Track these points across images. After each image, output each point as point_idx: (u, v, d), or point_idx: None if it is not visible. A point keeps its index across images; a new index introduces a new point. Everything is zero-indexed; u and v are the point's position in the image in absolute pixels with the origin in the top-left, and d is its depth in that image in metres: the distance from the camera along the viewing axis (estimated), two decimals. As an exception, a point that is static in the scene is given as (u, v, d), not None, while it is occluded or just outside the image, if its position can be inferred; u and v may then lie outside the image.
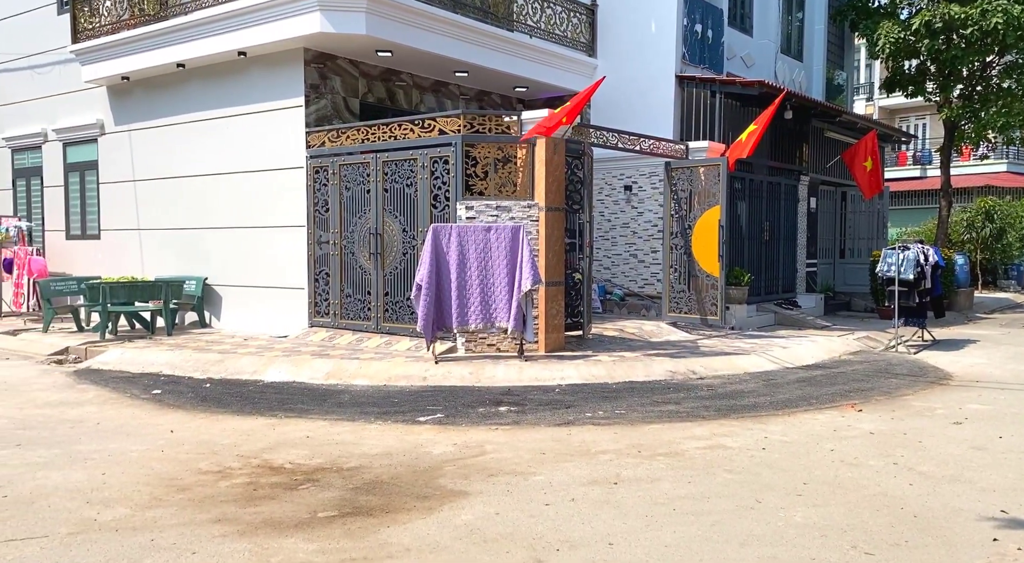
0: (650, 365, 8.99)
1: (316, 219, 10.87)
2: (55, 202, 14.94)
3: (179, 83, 12.42)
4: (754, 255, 14.33)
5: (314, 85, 10.96)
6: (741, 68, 15.57)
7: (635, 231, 13.59)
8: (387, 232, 10.11)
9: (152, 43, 12.09)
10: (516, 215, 9.38)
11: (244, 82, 11.57)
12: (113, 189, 13.72)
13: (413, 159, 9.76)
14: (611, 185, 13.80)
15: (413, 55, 11.31)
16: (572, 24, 13.39)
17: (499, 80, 12.87)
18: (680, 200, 11.83)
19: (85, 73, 13.34)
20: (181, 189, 12.57)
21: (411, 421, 6.64)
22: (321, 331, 10.74)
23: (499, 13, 12.06)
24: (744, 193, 13.87)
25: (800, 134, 16.13)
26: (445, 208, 9.54)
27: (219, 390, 8.08)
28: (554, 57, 13.04)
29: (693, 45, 13.63)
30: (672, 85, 13.21)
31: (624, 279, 13.74)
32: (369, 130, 10.23)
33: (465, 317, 8.89)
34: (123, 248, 13.59)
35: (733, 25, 15.43)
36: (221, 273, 12.13)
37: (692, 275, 11.76)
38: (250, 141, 11.58)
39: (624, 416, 6.82)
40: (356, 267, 10.47)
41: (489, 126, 9.44)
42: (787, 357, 10.02)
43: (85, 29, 13.18)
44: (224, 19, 11.05)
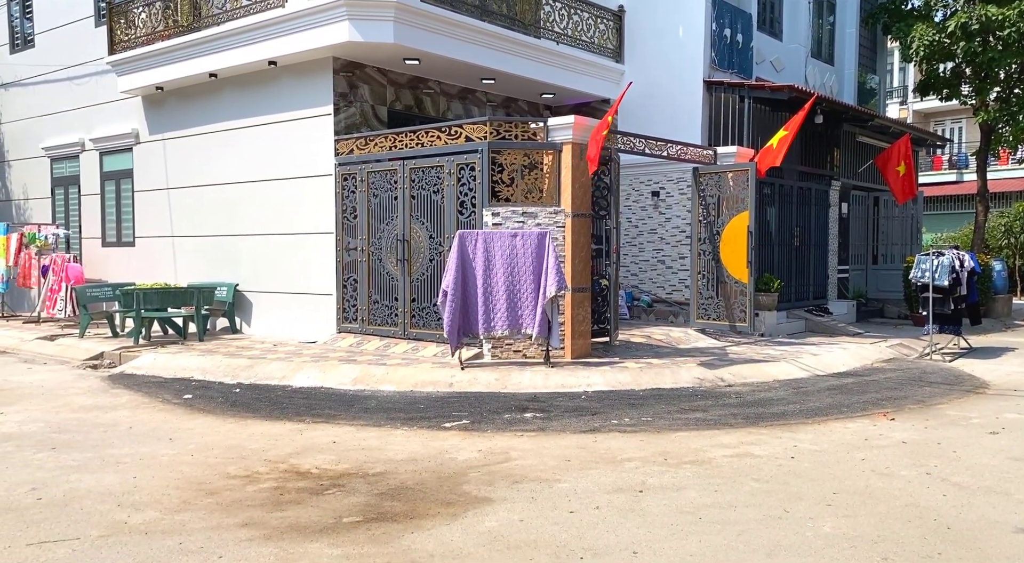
0: (677, 372, 8.93)
1: (344, 226, 10.97)
2: (92, 210, 15.24)
3: (211, 92, 12.61)
4: (784, 261, 14.18)
5: (343, 93, 11.07)
6: (770, 73, 15.44)
7: (663, 237, 13.51)
8: (414, 238, 10.17)
9: (185, 54, 12.29)
10: (542, 221, 9.38)
11: (274, 91, 11.72)
12: (147, 197, 13.96)
13: (440, 166, 9.81)
14: (638, 191, 13.75)
15: (440, 63, 11.38)
16: (599, 30, 13.38)
17: (526, 86, 12.90)
18: (708, 206, 11.75)
19: (121, 83, 13.61)
20: (213, 197, 12.76)
21: (437, 427, 6.66)
22: (349, 337, 10.82)
23: (526, 20, 12.09)
24: (773, 198, 13.74)
25: (831, 139, 15.95)
26: (471, 215, 9.57)
27: (248, 395, 8.18)
28: (581, 63, 13.04)
29: (722, 50, 13.55)
30: (700, 90, 13.13)
31: (652, 285, 13.67)
32: (397, 137, 10.30)
33: (491, 323, 8.90)
34: (157, 255, 13.82)
35: (762, 29, 15.31)
36: (252, 279, 12.28)
37: (720, 281, 11.66)
38: (280, 149, 11.72)
39: (650, 423, 6.78)
40: (383, 273, 10.54)
41: (515, 133, 9.46)
42: (817, 364, 9.90)
43: (121, 40, 13.45)
44: (255, 29, 11.20)
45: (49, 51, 15.78)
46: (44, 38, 15.95)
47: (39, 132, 16.29)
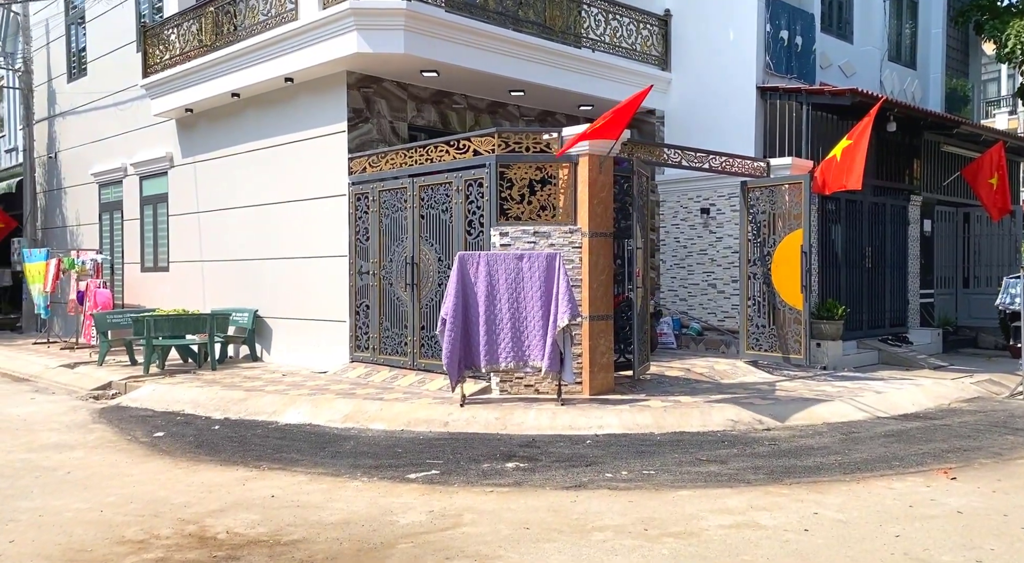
0: (708, 413, 7.79)
1: (357, 248, 10.31)
2: (132, 235, 15.16)
3: (236, 113, 12.26)
4: (854, 285, 12.75)
5: (357, 109, 10.46)
6: (839, 78, 14.07)
7: (713, 258, 12.32)
8: (423, 261, 9.39)
9: (209, 74, 11.98)
10: (556, 241, 8.44)
11: (292, 109, 11.24)
12: (180, 221, 13.73)
13: (448, 182, 9.02)
14: (687, 208, 12.62)
15: (462, 74, 10.64)
16: (642, 36, 12.40)
17: (562, 98, 12.03)
18: (759, 223, 10.54)
19: (153, 106, 13.46)
20: (237, 220, 12.36)
21: (399, 478, 5.79)
22: (360, 367, 10.10)
23: (557, 27, 11.24)
24: (839, 215, 12.37)
25: (910, 149, 14.41)
26: (480, 234, 8.73)
27: (224, 433, 7.51)
28: (622, 72, 12.08)
29: (778, 53, 12.33)
30: (753, 97, 11.95)
31: (702, 311, 12.48)
32: (407, 154, 9.59)
33: (495, 355, 7.99)
34: (188, 280, 13.53)
35: (828, 31, 13.98)
36: (271, 305, 11.76)
37: (773, 308, 10.41)
38: (297, 169, 11.20)
39: (651, 478, 5.72)
40: (394, 299, 9.80)
41: (526, 144, 8.59)
42: (880, 404, 8.55)
43: (153, 64, 13.31)
44: (270, 45, 10.75)
45: (99, 78, 15.92)
46: (94, 66, 16.10)
47: (89, 158, 16.42)
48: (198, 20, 12.19)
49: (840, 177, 10.05)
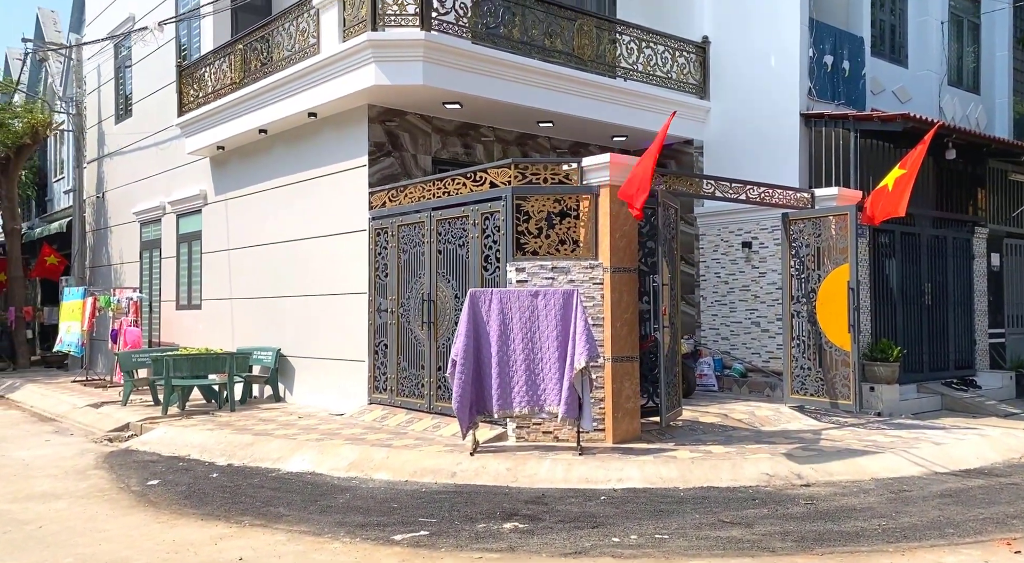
0: (741, 465, 7.08)
1: (377, 285, 9.94)
2: (169, 273, 15.16)
3: (265, 149, 12.14)
4: (911, 323, 11.84)
5: (379, 143, 10.18)
6: (893, 104, 13.28)
7: (756, 295, 11.59)
8: (440, 298, 8.96)
9: (238, 110, 11.91)
10: (575, 277, 7.91)
11: (316, 144, 11.04)
12: (213, 259, 13.64)
13: (465, 216, 8.60)
14: (728, 242, 11.94)
15: (487, 106, 10.29)
16: (678, 64, 11.88)
17: (594, 129, 11.56)
18: (803, 258, 9.81)
19: (187, 145, 13.48)
20: (264, 257, 12.17)
21: (384, 540, 5.27)
22: (377, 409, 9.66)
23: (586, 56, 10.81)
24: (893, 249, 11.54)
25: (973, 178, 13.50)
26: (496, 270, 8.26)
27: (220, 482, 7.12)
28: (658, 101, 11.55)
29: (822, 78, 11.67)
30: (796, 125, 11.28)
31: (745, 351, 11.71)
32: (425, 187, 9.23)
33: (508, 399, 7.45)
34: (219, 318, 13.38)
35: (880, 55, 13.25)
36: (295, 344, 11.47)
37: (820, 348, 9.62)
38: (321, 205, 10.96)
39: (662, 544, 5.08)
40: (411, 338, 9.37)
41: (544, 176, 8.12)
42: (938, 457, 7.69)
43: (188, 103, 13.36)
44: (293, 80, 10.59)
45: (143, 119, 16.13)
46: (139, 107, 16.34)
47: (133, 197, 16.59)
48: (228, 58, 12.18)
49: (887, 205, 9.29)
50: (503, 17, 10.03)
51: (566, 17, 10.67)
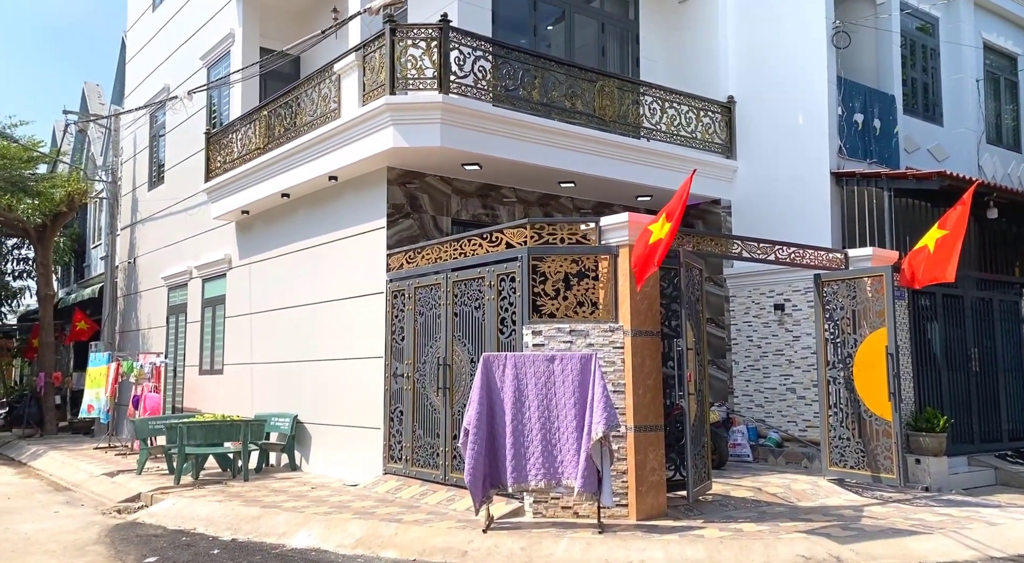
0: (774, 546, 6.53)
1: (393, 349, 9.67)
2: (194, 337, 15.09)
3: (287, 213, 12.11)
4: (958, 391, 11.20)
5: (397, 205, 10.06)
6: (928, 162, 12.91)
7: (791, 360, 11.08)
8: (456, 362, 8.64)
9: (262, 175, 11.94)
10: (595, 341, 7.55)
11: (337, 207, 10.97)
12: (235, 323, 13.53)
13: (481, 277, 8.35)
14: (759, 304, 11.50)
15: (507, 167, 10.15)
16: (703, 124, 11.69)
17: (618, 189, 11.34)
18: (837, 320, 9.34)
19: (213, 210, 13.55)
20: (284, 321, 12.02)
21: (378, 625, 4.84)
22: (391, 480, 9.27)
23: (607, 117, 10.67)
24: (935, 312, 11.00)
25: (1019, 237, 12.98)
26: (512, 334, 7.94)
27: (219, 560, 6.76)
28: (682, 160, 11.33)
29: (852, 136, 11.36)
30: (827, 183, 10.94)
31: (780, 419, 11.14)
32: (441, 248, 9.03)
33: (523, 472, 7.03)
34: (240, 383, 13.19)
35: (912, 113, 12.95)
36: (312, 410, 11.19)
37: (859, 417, 9.06)
38: (340, 268, 10.82)
39: (684, 638, 4.58)
40: (427, 404, 9.03)
41: (561, 235, 7.86)
42: (993, 539, 7.04)
43: (215, 168, 13.48)
44: (315, 144, 10.60)
45: (174, 185, 16.34)
46: (171, 173, 16.59)
47: (162, 263, 16.70)
48: (253, 124, 12.29)
49: (932, 269, 8.83)
50: (523, 79, 9.96)
51: (587, 79, 10.59)
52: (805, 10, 11.38)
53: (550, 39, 12.17)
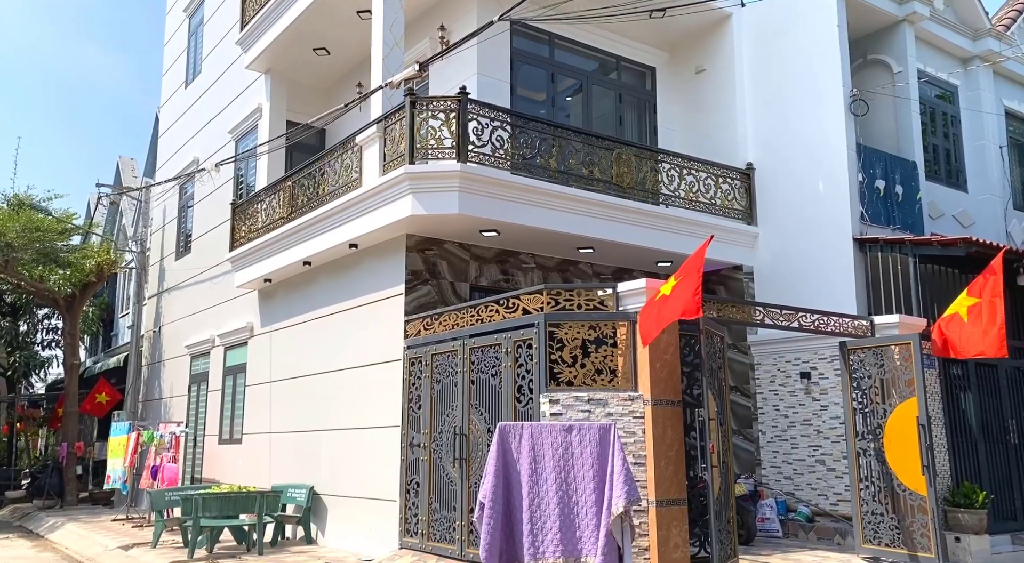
0: (805, 628, 6.18)
1: (410, 418, 9.53)
2: (214, 406, 15.06)
3: (308, 281, 12.18)
4: (997, 465, 10.72)
5: (416, 271, 10.07)
6: (954, 228, 12.74)
7: (819, 430, 10.75)
8: (473, 432, 8.47)
9: (285, 244, 12.06)
10: (614, 410, 7.38)
11: (356, 275, 11.01)
12: (255, 391, 13.49)
13: (497, 344, 8.25)
14: (785, 372, 11.25)
15: (525, 233, 10.17)
16: (722, 190, 11.69)
17: (637, 255, 11.29)
18: (865, 389, 9.07)
19: (236, 278, 13.68)
20: (302, 389, 11.95)
21: None
22: (407, 555, 9.00)
23: (625, 184, 10.71)
24: (967, 381, 10.64)
25: (1051, 304, 12.61)
26: (530, 402, 7.79)
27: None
28: (702, 227, 11.27)
29: (875, 203, 11.27)
30: (850, 250, 10.81)
31: (811, 492, 10.74)
32: (459, 314, 8.97)
33: (540, 547, 6.76)
34: (258, 453, 13.05)
35: (935, 179, 12.87)
36: (329, 481, 11.00)
37: (892, 491, 8.69)
38: (358, 335, 10.79)
39: None
40: (443, 475, 8.83)
41: (578, 302, 7.79)
42: (1040, 623, 6.62)
43: (239, 238, 13.66)
44: (336, 213, 10.71)
45: (200, 255, 16.59)
46: (197, 243, 16.86)
47: (186, 331, 16.84)
48: (277, 194, 12.49)
49: (973, 342, 8.58)
50: (540, 148, 10.07)
51: (604, 147, 10.68)
52: (821, 78, 11.46)
53: (568, 109, 12.36)
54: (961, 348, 8.58)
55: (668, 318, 6.98)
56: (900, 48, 12.51)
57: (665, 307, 7.04)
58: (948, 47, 13.55)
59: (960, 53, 13.77)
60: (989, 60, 13.97)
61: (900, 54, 12.48)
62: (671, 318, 6.98)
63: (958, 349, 8.57)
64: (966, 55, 13.84)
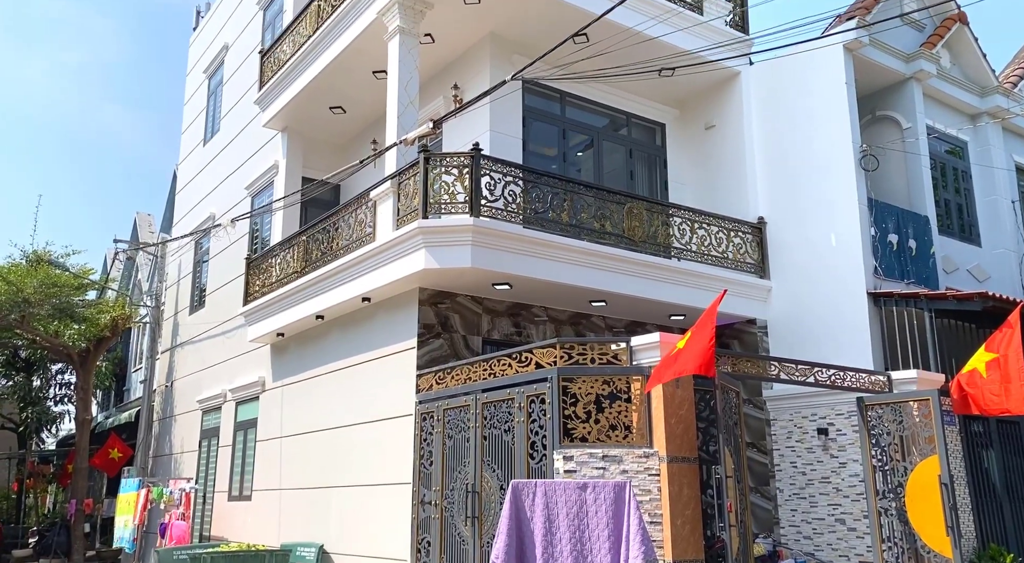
0: None
1: (421, 475, 9.40)
2: (224, 462, 14.94)
3: (320, 335, 12.19)
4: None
5: (428, 325, 10.07)
6: (969, 282, 12.67)
7: (838, 488, 10.53)
8: (485, 489, 8.34)
9: (298, 298, 12.11)
10: (629, 467, 7.26)
11: (369, 328, 11.02)
12: (265, 447, 13.39)
13: (510, 399, 8.18)
14: (801, 428, 11.07)
15: (537, 286, 10.18)
16: (734, 244, 11.70)
17: (650, 308, 11.26)
18: (884, 446, 8.90)
19: (249, 333, 13.71)
20: (312, 445, 11.85)
21: None
22: (417, 616, 8.79)
23: (637, 237, 10.75)
24: (989, 438, 10.47)
25: (1072, 359, 12.42)
26: (543, 459, 7.68)
27: None
28: (714, 280, 11.25)
29: (888, 257, 11.25)
30: (864, 304, 10.74)
31: (831, 553, 10.46)
32: (471, 368, 8.93)
33: (553, 608, 6.60)
34: (267, 510, 12.89)
35: (948, 234, 12.86)
36: (339, 539, 10.82)
37: (916, 553, 8.45)
38: (369, 390, 10.74)
39: None
40: (455, 535, 8.66)
41: (592, 356, 7.74)
42: None
43: (253, 292, 13.73)
44: (350, 267, 10.77)
45: (214, 310, 16.67)
46: (211, 298, 16.95)
47: (198, 386, 16.82)
48: (292, 249, 12.60)
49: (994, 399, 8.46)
50: (552, 202, 10.15)
51: (616, 201, 10.75)
52: (831, 133, 11.55)
53: (580, 164, 12.49)
54: (982, 405, 8.44)
55: (680, 371, 6.93)
56: (908, 105, 12.65)
57: (678, 361, 6.99)
58: (956, 104, 13.68)
59: (968, 109, 13.90)
60: (997, 117, 14.08)
61: (909, 111, 12.61)
62: (683, 371, 6.93)
63: (979, 406, 8.44)
64: (974, 111, 13.96)
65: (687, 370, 6.90)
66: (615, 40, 10.61)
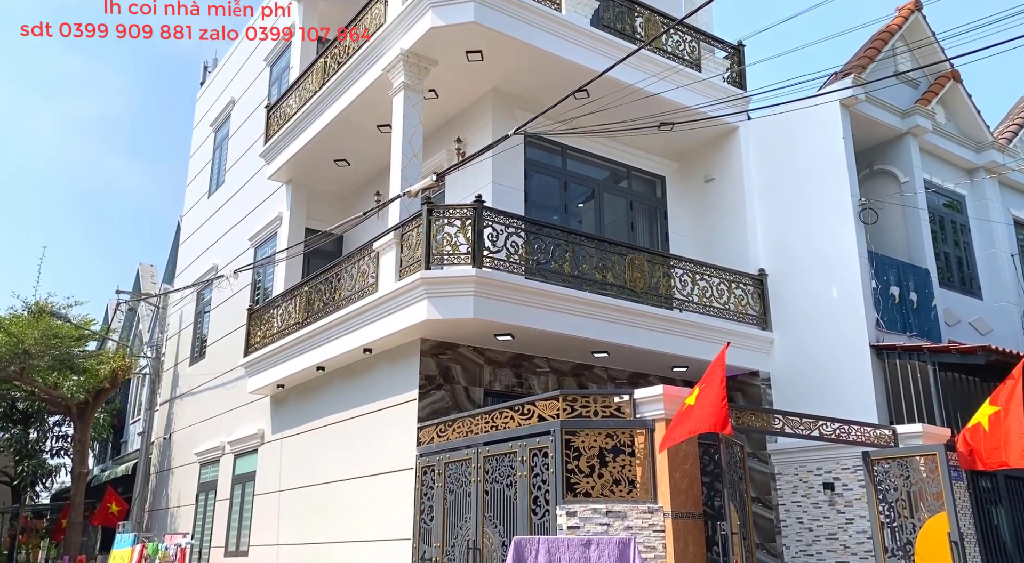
0: None
1: (422, 530, 9.24)
2: (221, 516, 14.71)
3: (321, 386, 12.12)
4: (1037, 581, 10.22)
5: (430, 376, 10.02)
6: (972, 335, 12.64)
7: (846, 544, 10.33)
8: (487, 546, 8.18)
9: (299, 349, 12.07)
10: (633, 523, 7.14)
11: (370, 380, 10.96)
12: (264, 501, 13.20)
13: (512, 452, 8.09)
14: (807, 482, 10.93)
15: (539, 337, 10.16)
16: (735, 295, 11.71)
17: (652, 359, 11.21)
18: (892, 502, 8.76)
19: (250, 384, 13.63)
20: (311, 499, 11.69)
21: None
22: None
23: (638, 288, 10.77)
24: (998, 494, 10.26)
25: (1078, 412, 12.32)
26: (546, 514, 7.55)
27: None
28: (716, 332, 11.24)
29: (890, 310, 11.25)
30: (867, 357, 10.71)
31: (840, 614, 10.21)
32: (473, 421, 8.85)
33: None
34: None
35: (949, 286, 12.89)
36: (336, 597, 10.58)
37: (928, 612, 8.24)
38: (370, 442, 10.63)
39: None
40: (455, 593, 8.48)
41: (595, 408, 7.68)
42: None
43: (254, 343, 13.70)
44: (351, 318, 10.77)
45: (214, 361, 16.61)
46: (212, 349, 16.91)
47: (196, 438, 16.66)
48: (294, 300, 12.61)
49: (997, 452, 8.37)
50: (554, 253, 10.20)
51: (617, 252, 10.81)
52: (829, 187, 11.67)
53: (581, 215, 12.59)
54: (983, 459, 8.34)
55: (694, 429, 6.86)
56: (906, 159, 12.81)
57: (691, 418, 6.91)
58: (953, 158, 13.86)
59: (965, 164, 14.07)
60: (993, 171, 14.24)
61: (906, 165, 12.77)
62: (697, 430, 6.86)
63: (981, 460, 8.34)
64: (971, 166, 14.13)
65: (702, 428, 6.83)
66: (616, 96, 10.80)
